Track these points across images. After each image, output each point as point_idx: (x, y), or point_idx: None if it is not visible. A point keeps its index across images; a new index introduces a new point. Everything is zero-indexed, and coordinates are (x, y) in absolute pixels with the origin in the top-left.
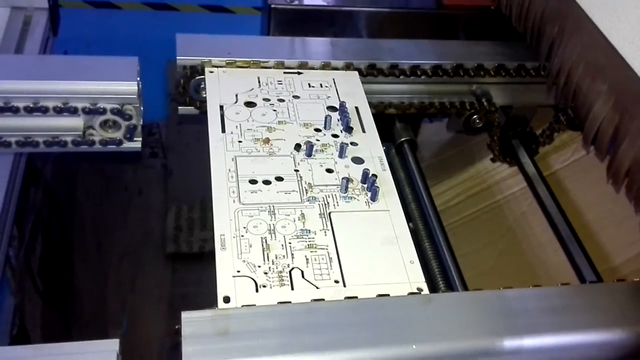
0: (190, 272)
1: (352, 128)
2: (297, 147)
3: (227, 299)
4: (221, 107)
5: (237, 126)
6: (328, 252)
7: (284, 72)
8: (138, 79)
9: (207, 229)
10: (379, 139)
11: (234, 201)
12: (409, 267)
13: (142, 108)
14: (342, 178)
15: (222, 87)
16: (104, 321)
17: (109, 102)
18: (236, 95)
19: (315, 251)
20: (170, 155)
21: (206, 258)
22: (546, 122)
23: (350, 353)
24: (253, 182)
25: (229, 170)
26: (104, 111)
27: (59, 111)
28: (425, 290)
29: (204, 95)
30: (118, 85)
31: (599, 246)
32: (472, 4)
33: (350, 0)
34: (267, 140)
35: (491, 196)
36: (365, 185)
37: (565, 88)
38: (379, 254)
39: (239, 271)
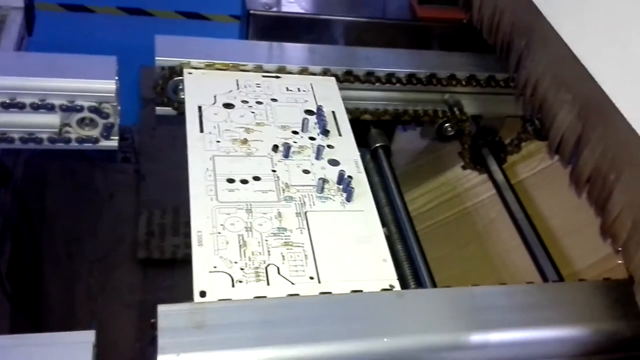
0: (162, 278)
1: (328, 131)
2: (275, 148)
3: (203, 294)
4: (199, 108)
5: (215, 126)
6: (304, 249)
7: (263, 76)
8: (116, 77)
9: (179, 235)
10: (354, 143)
11: (211, 199)
12: (382, 265)
13: (119, 107)
14: (319, 179)
15: (200, 88)
16: (73, 326)
17: (86, 100)
18: (215, 97)
19: (291, 248)
20: (142, 160)
21: (178, 264)
22: (515, 132)
23: (324, 346)
24: (231, 181)
25: (207, 169)
26: (81, 109)
27: (35, 108)
28: (397, 287)
29: (182, 97)
30: (96, 83)
31: (563, 252)
32: (445, 17)
33: (327, 9)
34: (244, 141)
35: (461, 203)
36: (341, 187)
37: (532, 99)
38: (353, 252)
39: (215, 267)
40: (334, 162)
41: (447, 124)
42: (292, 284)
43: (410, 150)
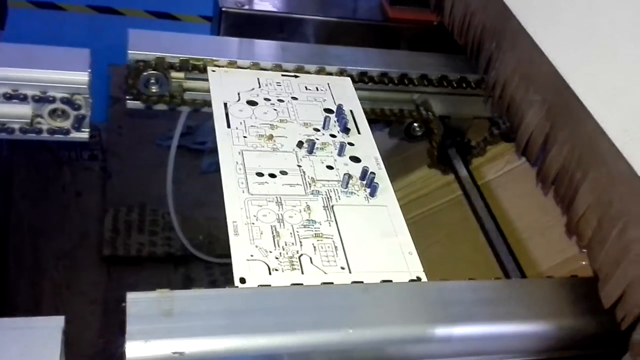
0: (127, 275)
1: (349, 129)
2: (300, 144)
3: (243, 280)
4: (225, 105)
5: (241, 122)
6: (333, 241)
7: (282, 75)
8: (89, 70)
9: (144, 233)
10: (373, 140)
11: (243, 191)
12: (408, 257)
13: (91, 100)
14: (344, 174)
15: (224, 86)
16: None
17: (59, 91)
18: (238, 94)
19: (322, 240)
20: (109, 158)
21: (143, 262)
22: (482, 133)
23: (291, 336)
24: (260, 174)
25: (237, 162)
26: (53, 100)
27: (8, 98)
28: (424, 279)
29: (153, 91)
30: (69, 74)
31: (528, 252)
32: (417, 19)
33: (299, 8)
34: (270, 137)
35: (429, 202)
36: (364, 182)
37: (500, 100)
38: (379, 244)
39: (252, 255)
40: (355, 159)
41: (414, 124)
42: (325, 273)
43: (379, 149)
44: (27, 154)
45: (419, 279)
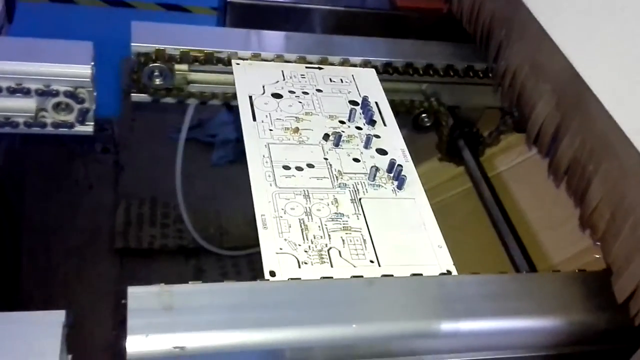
0: (139, 268)
1: (375, 121)
2: (326, 137)
3: (272, 273)
4: (250, 97)
5: (266, 115)
6: (362, 234)
7: (306, 67)
8: (92, 63)
9: (156, 226)
10: (399, 133)
11: (270, 185)
12: (438, 251)
13: (95, 93)
14: (371, 167)
15: (249, 78)
16: None
17: (62, 84)
18: (263, 87)
19: (350, 233)
20: (121, 151)
21: (155, 254)
22: (492, 124)
23: (289, 331)
24: (286, 167)
25: (263, 156)
26: (57, 93)
27: (12, 92)
28: (454, 272)
29: (158, 83)
30: (72, 68)
31: (540, 245)
32: (426, 7)
33: None
34: (296, 130)
35: (438, 195)
36: (391, 175)
37: (510, 89)
38: (408, 238)
39: (281, 248)
40: (381, 152)
41: (423, 115)
42: (354, 266)
43: None
44: (39, 148)
45: (449, 272)
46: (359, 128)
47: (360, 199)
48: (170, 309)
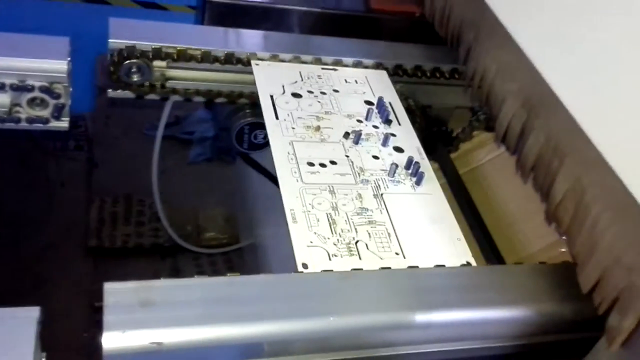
0: (112, 267)
1: (391, 121)
2: (346, 135)
3: (305, 265)
4: (271, 97)
5: (288, 114)
6: (386, 228)
7: (322, 68)
8: (69, 58)
9: (130, 224)
10: (414, 131)
11: (297, 180)
12: (457, 243)
13: (71, 88)
14: (391, 163)
15: (269, 78)
16: None
17: (37, 79)
18: (283, 87)
19: (375, 227)
20: (95, 148)
21: (129, 253)
22: (463, 122)
23: (263, 325)
24: (311, 164)
25: (288, 153)
26: (32, 88)
27: None
28: (473, 264)
29: (135, 79)
30: (48, 63)
31: (511, 239)
32: (399, 10)
33: None
34: (317, 128)
35: None
36: (409, 171)
37: (479, 90)
38: (429, 231)
39: (311, 242)
40: (398, 149)
41: None
42: (381, 258)
43: None
44: (11, 144)
45: (468, 263)
46: (375, 127)
47: (382, 194)
48: (148, 304)
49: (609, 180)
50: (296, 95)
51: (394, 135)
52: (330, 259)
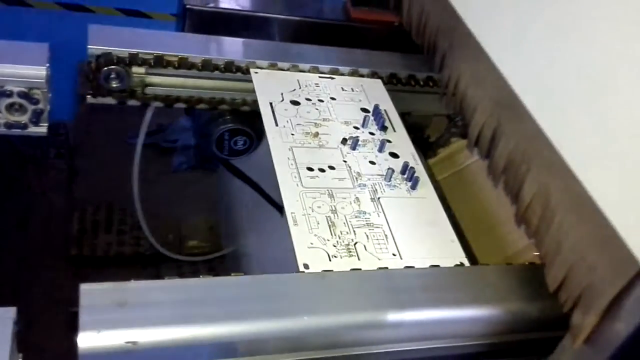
0: (94, 275)
1: (386, 127)
2: (344, 141)
3: (306, 266)
4: (270, 104)
5: (287, 121)
6: (383, 230)
7: (319, 76)
8: (47, 64)
9: (112, 232)
10: (409, 138)
11: (297, 185)
12: (451, 244)
13: (50, 95)
14: (387, 168)
15: (268, 86)
16: None
17: (16, 85)
18: (282, 94)
19: (373, 229)
20: (77, 156)
21: (111, 261)
22: (441, 129)
23: (236, 325)
24: (310, 169)
25: (288, 158)
26: (10, 94)
27: None
28: (467, 264)
29: (114, 86)
30: (27, 69)
31: (486, 243)
32: (378, 19)
33: (264, 7)
34: (316, 134)
35: None
36: (405, 176)
37: (453, 97)
38: (424, 233)
39: (312, 243)
40: (394, 155)
41: None
42: (379, 259)
43: None
44: None
45: (462, 264)
46: (372, 133)
47: (379, 198)
48: (124, 305)
49: (571, 184)
50: (295, 102)
51: (389, 141)
52: (330, 260)
